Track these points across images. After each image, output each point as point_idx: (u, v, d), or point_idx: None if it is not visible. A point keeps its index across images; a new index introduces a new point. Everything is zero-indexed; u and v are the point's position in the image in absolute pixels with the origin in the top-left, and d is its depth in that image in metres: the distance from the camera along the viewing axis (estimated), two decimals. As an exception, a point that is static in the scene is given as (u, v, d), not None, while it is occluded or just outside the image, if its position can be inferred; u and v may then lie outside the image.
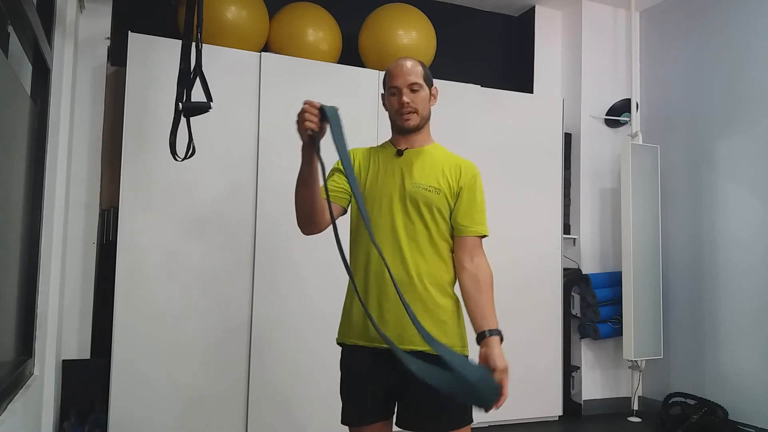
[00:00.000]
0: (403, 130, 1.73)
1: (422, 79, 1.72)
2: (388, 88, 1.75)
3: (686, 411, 3.59)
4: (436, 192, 1.68)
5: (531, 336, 3.73)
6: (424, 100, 1.73)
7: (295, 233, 3.06)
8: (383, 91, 1.79)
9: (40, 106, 2.37)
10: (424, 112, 1.74)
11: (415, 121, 1.71)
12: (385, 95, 1.78)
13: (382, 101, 1.81)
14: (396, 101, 1.71)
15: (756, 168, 3.54)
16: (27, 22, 1.91)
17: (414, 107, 1.70)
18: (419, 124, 1.73)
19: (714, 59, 3.84)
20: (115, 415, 2.84)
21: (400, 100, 1.70)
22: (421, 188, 1.67)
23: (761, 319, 3.44)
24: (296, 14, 3.53)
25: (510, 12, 4.51)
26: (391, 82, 1.72)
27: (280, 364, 3.12)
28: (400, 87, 1.70)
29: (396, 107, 1.72)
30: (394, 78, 1.72)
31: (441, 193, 1.68)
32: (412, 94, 1.70)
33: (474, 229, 1.70)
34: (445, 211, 1.70)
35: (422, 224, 1.67)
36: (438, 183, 1.69)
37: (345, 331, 1.73)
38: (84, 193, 3.05)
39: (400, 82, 1.70)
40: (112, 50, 3.19)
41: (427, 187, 1.68)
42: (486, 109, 3.74)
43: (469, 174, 1.72)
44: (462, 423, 1.64)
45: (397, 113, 1.72)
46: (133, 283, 2.91)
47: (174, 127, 2.48)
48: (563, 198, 3.96)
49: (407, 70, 1.70)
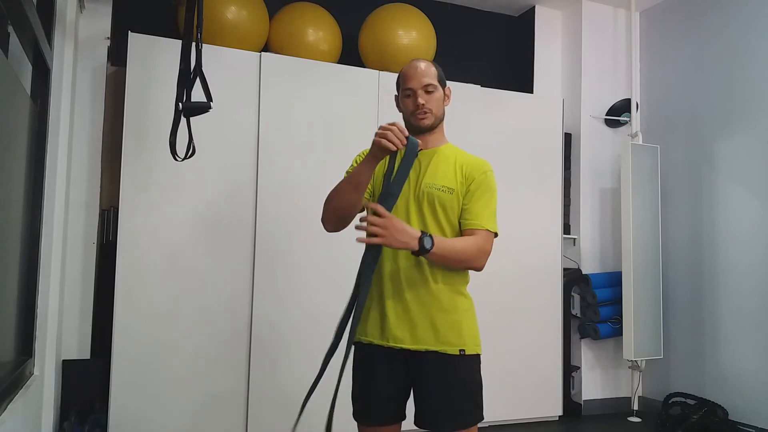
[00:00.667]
0: (418, 130, 1.75)
1: (436, 80, 1.75)
2: (402, 89, 1.77)
3: (686, 411, 3.59)
4: (449, 192, 1.69)
5: (531, 336, 3.73)
6: (439, 100, 1.75)
7: (295, 233, 3.05)
8: (397, 93, 1.82)
9: (40, 106, 2.36)
10: (438, 113, 1.76)
11: (429, 120, 1.74)
12: (399, 97, 1.81)
13: (396, 103, 1.83)
14: (411, 103, 1.74)
15: (756, 168, 3.54)
16: (27, 22, 1.90)
17: (429, 108, 1.73)
18: (434, 124, 1.76)
19: (714, 59, 3.84)
20: (115, 415, 2.84)
21: (415, 101, 1.72)
22: (434, 188, 1.69)
23: (761, 319, 3.44)
24: (296, 14, 3.53)
25: (510, 12, 4.51)
26: (406, 84, 1.74)
27: (280, 363, 3.12)
28: (414, 89, 1.72)
29: (411, 109, 1.74)
30: (408, 80, 1.74)
31: (454, 193, 1.70)
32: (427, 95, 1.73)
33: (475, 222, 1.70)
34: (456, 212, 1.71)
35: (436, 224, 1.69)
36: (451, 183, 1.70)
37: (360, 329, 1.74)
38: (84, 193, 3.05)
39: (415, 83, 1.72)
40: (112, 50, 3.19)
41: (440, 188, 1.70)
42: (486, 109, 3.73)
43: (478, 171, 1.73)
44: (473, 421, 1.66)
45: (412, 114, 1.74)
46: (133, 283, 2.91)
47: (174, 127, 2.48)
48: (563, 198, 3.96)
49: (421, 71, 1.73)
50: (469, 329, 1.70)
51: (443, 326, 1.65)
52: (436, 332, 1.64)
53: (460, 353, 1.65)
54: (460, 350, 1.65)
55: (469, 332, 1.69)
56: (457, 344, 1.65)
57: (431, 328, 1.64)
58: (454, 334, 1.65)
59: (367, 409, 1.72)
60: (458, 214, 1.71)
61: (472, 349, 1.68)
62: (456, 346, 1.65)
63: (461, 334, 1.67)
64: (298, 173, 3.24)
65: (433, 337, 1.64)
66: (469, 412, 1.65)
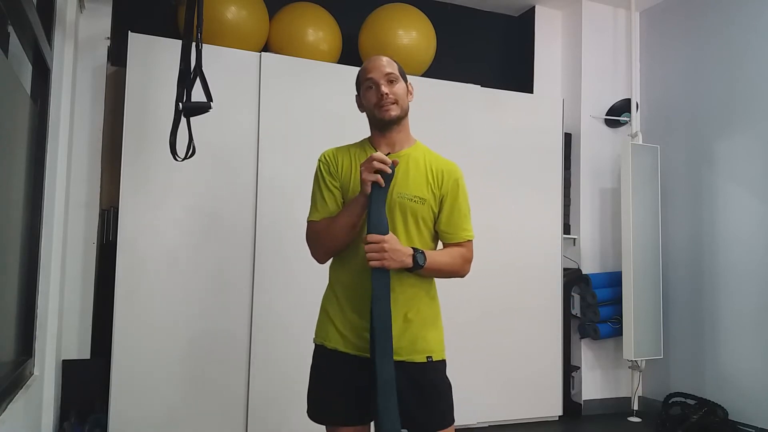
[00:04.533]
0: (384, 123, 1.67)
1: (397, 71, 1.70)
2: (363, 83, 1.70)
3: (686, 411, 3.59)
4: (420, 202, 1.65)
5: (531, 336, 3.73)
6: (403, 91, 1.69)
7: (295, 233, 3.05)
8: (357, 93, 1.75)
9: (40, 106, 2.37)
10: (404, 105, 1.68)
11: (395, 111, 1.65)
12: (359, 95, 1.74)
13: (357, 103, 1.76)
14: (374, 94, 1.66)
15: (756, 168, 3.54)
16: (27, 22, 1.91)
17: (394, 98, 1.65)
18: (400, 116, 1.67)
19: (714, 59, 3.84)
20: (115, 415, 2.84)
21: (378, 92, 1.65)
22: (406, 198, 1.64)
23: (761, 319, 3.44)
24: (296, 14, 3.53)
25: (510, 12, 4.51)
26: (366, 75, 1.68)
27: (280, 364, 3.11)
28: (376, 79, 1.65)
29: (374, 100, 1.66)
30: (368, 71, 1.68)
31: (426, 203, 1.66)
32: (390, 84, 1.66)
33: (458, 235, 1.70)
34: (430, 220, 1.69)
35: (405, 233, 1.64)
36: (422, 193, 1.66)
37: (323, 333, 1.72)
38: (84, 193, 3.05)
39: (376, 74, 1.66)
40: (112, 50, 3.19)
41: (412, 198, 1.65)
42: (486, 109, 3.73)
43: (451, 179, 1.70)
44: (451, 421, 1.65)
45: (376, 106, 1.66)
46: (133, 283, 2.91)
47: (174, 127, 2.48)
48: (563, 198, 3.96)
49: (381, 63, 1.69)
50: (435, 337, 1.68)
51: (412, 333, 1.62)
52: (401, 343, 1.61)
53: (427, 359, 1.64)
54: (427, 357, 1.64)
55: (434, 339, 1.68)
56: (423, 352, 1.64)
57: (396, 339, 1.58)
58: (421, 342, 1.64)
59: (327, 409, 1.69)
60: (433, 220, 1.69)
61: (439, 356, 1.67)
62: (423, 353, 1.64)
63: (428, 340, 1.65)
64: (298, 173, 3.23)
65: (403, 347, 1.61)
66: (447, 412, 1.65)
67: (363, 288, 1.61)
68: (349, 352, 1.64)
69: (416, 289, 1.66)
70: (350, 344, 1.65)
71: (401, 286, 1.63)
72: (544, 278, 3.83)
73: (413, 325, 1.64)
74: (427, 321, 1.68)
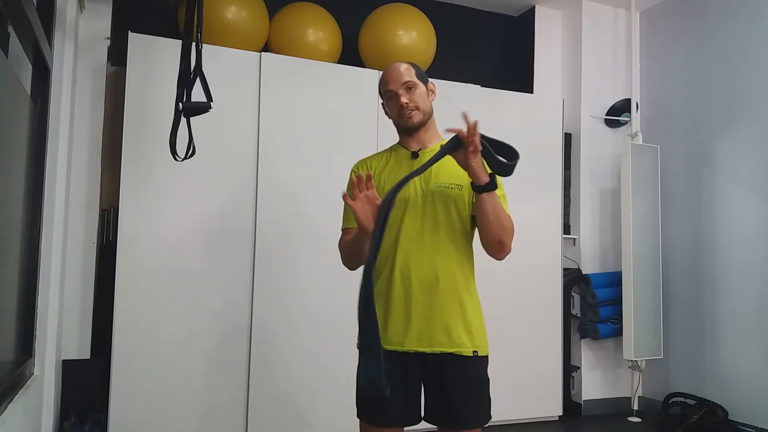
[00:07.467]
0: (409, 129, 1.75)
1: (415, 77, 1.75)
2: (384, 94, 1.78)
3: (686, 411, 3.59)
4: (458, 189, 1.69)
5: (531, 336, 3.73)
6: (423, 95, 1.75)
7: (295, 232, 3.06)
8: (382, 101, 1.81)
9: (40, 106, 2.37)
10: (426, 108, 1.75)
11: (418, 117, 1.73)
12: (383, 103, 1.81)
13: (384, 110, 1.83)
14: (395, 104, 1.74)
15: (756, 168, 3.54)
16: (27, 22, 1.91)
17: (414, 105, 1.72)
18: (423, 120, 1.75)
19: (714, 59, 3.84)
20: (115, 415, 2.84)
21: (398, 101, 1.72)
22: (443, 187, 1.68)
23: (761, 319, 3.44)
24: (296, 14, 3.53)
25: (510, 12, 4.51)
26: (386, 87, 1.75)
27: (280, 365, 3.11)
28: (395, 90, 1.73)
29: (396, 110, 1.74)
30: (387, 83, 1.75)
31: (464, 189, 1.69)
32: (409, 92, 1.72)
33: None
34: (465, 208, 1.70)
35: (448, 220, 1.68)
36: (459, 179, 1.69)
37: None
38: (84, 193, 3.05)
39: (394, 85, 1.73)
40: (112, 50, 3.19)
41: (450, 185, 1.69)
42: (486, 109, 3.73)
43: None
44: (488, 418, 1.70)
45: (399, 115, 1.74)
46: (133, 283, 2.91)
47: (174, 127, 2.48)
48: (563, 198, 3.95)
49: (399, 72, 1.74)
50: (479, 330, 1.70)
51: (456, 327, 1.65)
52: (449, 335, 1.64)
53: (473, 354, 1.66)
54: (473, 351, 1.67)
55: (479, 333, 1.70)
56: (470, 345, 1.66)
57: (444, 331, 1.64)
58: (466, 336, 1.66)
59: (376, 411, 1.68)
60: (469, 209, 1.70)
61: (483, 351, 1.70)
62: (469, 347, 1.66)
63: (473, 335, 1.68)
64: (298, 172, 3.24)
65: (447, 339, 1.64)
66: (485, 408, 1.70)
67: None
68: (396, 349, 1.66)
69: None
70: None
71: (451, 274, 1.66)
72: (544, 278, 3.83)
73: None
74: (462, 314, 1.69)
